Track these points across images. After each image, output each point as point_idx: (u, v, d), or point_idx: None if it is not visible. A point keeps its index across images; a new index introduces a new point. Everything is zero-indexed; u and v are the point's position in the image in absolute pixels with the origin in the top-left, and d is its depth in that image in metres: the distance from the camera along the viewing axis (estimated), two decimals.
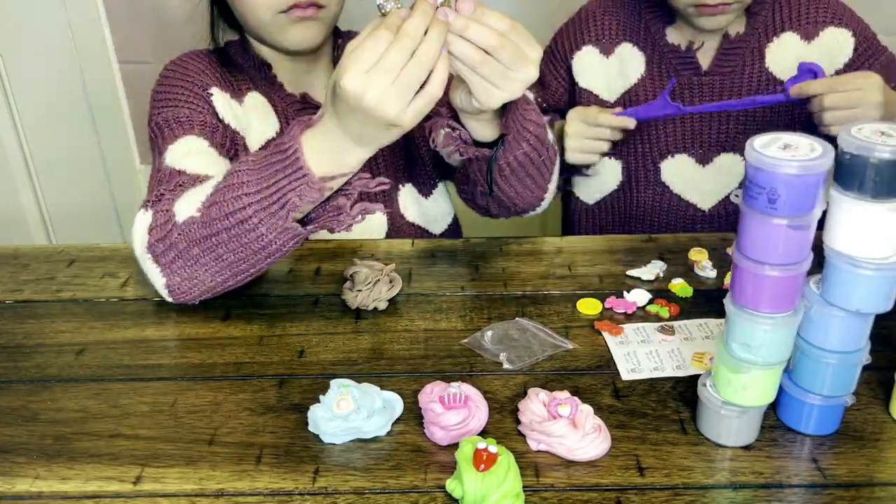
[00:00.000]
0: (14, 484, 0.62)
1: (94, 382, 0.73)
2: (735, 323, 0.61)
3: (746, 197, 0.57)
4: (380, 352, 0.77)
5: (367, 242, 1.00)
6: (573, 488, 0.60)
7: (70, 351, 0.78)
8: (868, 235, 0.58)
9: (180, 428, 0.67)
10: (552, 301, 0.86)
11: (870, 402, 0.69)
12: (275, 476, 0.62)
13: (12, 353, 0.78)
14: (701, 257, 0.92)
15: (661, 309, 0.82)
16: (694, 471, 0.62)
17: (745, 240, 0.58)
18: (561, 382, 0.72)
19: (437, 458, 0.64)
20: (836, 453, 0.64)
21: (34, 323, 0.82)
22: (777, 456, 0.64)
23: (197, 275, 0.80)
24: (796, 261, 0.57)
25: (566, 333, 0.80)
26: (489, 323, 0.82)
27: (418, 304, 0.85)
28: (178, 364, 0.76)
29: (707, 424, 0.65)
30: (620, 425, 0.67)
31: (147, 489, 0.61)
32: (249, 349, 0.78)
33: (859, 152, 0.56)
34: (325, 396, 0.67)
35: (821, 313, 0.62)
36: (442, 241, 1.01)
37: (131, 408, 0.70)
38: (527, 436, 0.65)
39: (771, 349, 0.60)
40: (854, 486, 0.61)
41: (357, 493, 0.60)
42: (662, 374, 0.73)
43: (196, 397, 0.71)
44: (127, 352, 0.78)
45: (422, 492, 0.60)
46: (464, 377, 0.72)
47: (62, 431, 0.67)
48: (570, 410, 0.64)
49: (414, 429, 0.67)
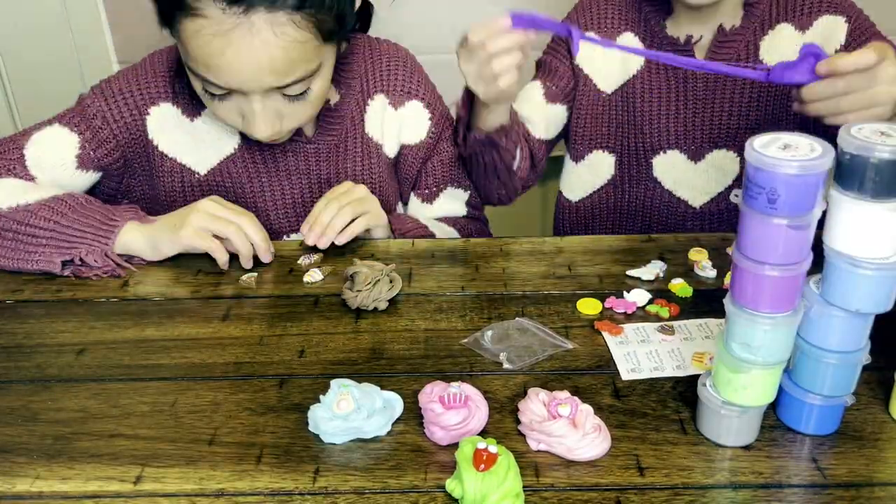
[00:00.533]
0: (14, 484, 0.62)
1: (94, 382, 0.73)
2: (735, 323, 0.61)
3: (746, 197, 0.57)
4: (380, 352, 0.77)
5: (368, 242, 1.00)
6: (573, 488, 0.60)
7: (70, 351, 0.78)
8: (868, 235, 0.59)
9: (180, 428, 0.67)
10: (552, 301, 0.86)
11: (870, 402, 0.69)
12: (275, 476, 0.62)
13: (12, 352, 0.78)
14: (701, 257, 0.92)
15: (661, 309, 0.82)
16: (694, 471, 0.62)
17: (744, 240, 0.58)
18: (561, 382, 0.72)
19: (437, 458, 0.64)
20: (835, 453, 0.64)
21: (34, 323, 0.82)
22: (777, 456, 0.64)
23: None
24: (796, 261, 0.57)
25: (566, 333, 0.80)
26: (489, 323, 0.82)
27: (418, 303, 0.86)
28: (178, 364, 0.76)
29: (707, 424, 0.65)
30: (620, 425, 0.67)
31: (147, 489, 0.61)
32: (250, 349, 0.78)
33: (859, 152, 0.57)
34: (326, 396, 0.67)
35: (821, 313, 0.62)
36: (442, 241, 1.01)
37: (131, 408, 0.70)
38: (527, 435, 0.65)
39: (771, 349, 0.60)
40: (854, 486, 0.61)
41: (357, 492, 0.60)
42: (662, 373, 0.73)
43: (196, 397, 0.71)
44: (127, 352, 0.78)
45: (422, 492, 0.60)
46: (464, 377, 0.72)
47: (62, 431, 0.67)
48: (570, 410, 0.64)
49: (414, 429, 0.67)
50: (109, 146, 1.00)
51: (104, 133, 1.00)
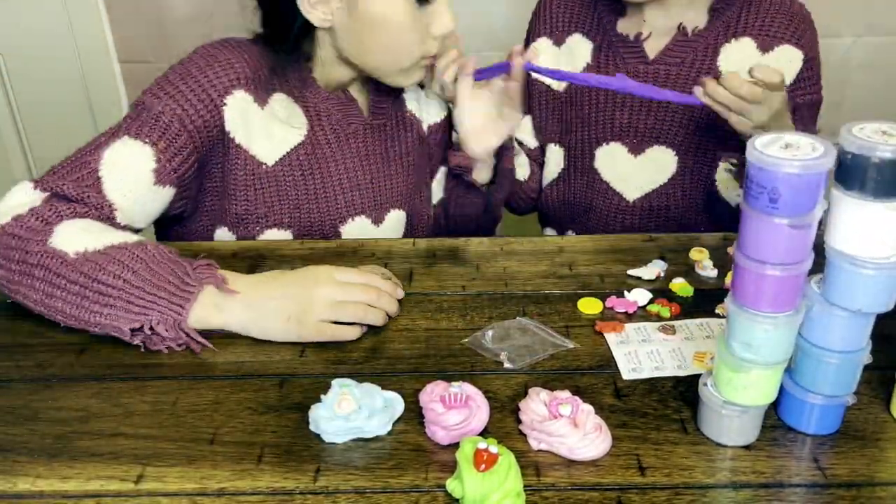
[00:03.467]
0: (15, 483, 0.62)
1: (95, 381, 0.73)
2: (736, 322, 0.61)
3: (748, 196, 0.57)
4: (381, 351, 0.77)
5: (369, 242, 1.00)
6: (574, 488, 0.60)
7: (71, 350, 0.78)
8: (869, 235, 0.58)
9: (181, 427, 0.67)
10: (553, 300, 0.86)
11: (871, 401, 0.69)
12: (276, 475, 0.62)
13: (13, 352, 0.78)
14: (702, 257, 0.92)
15: (662, 308, 0.82)
16: (695, 470, 0.62)
17: (746, 239, 0.58)
18: (562, 382, 0.72)
19: (437, 458, 0.64)
20: (836, 453, 0.64)
21: (35, 322, 0.82)
22: (778, 455, 0.64)
23: (20, 289, 0.79)
24: (797, 260, 0.57)
25: (567, 333, 0.80)
26: (490, 322, 0.82)
27: (419, 303, 0.85)
28: (179, 363, 0.76)
29: (708, 424, 0.65)
30: (621, 425, 0.67)
31: (148, 488, 0.61)
32: (250, 348, 0.78)
33: (861, 152, 0.56)
34: (327, 396, 0.67)
35: (822, 313, 0.62)
36: (443, 241, 1.01)
37: (132, 407, 0.70)
38: (528, 435, 0.65)
39: (772, 349, 0.60)
40: (855, 486, 0.61)
41: (358, 492, 0.60)
42: (663, 373, 0.73)
43: (197, 396, 0.71)
44: (128, 351, 0.77)
45: (422, 491, 0.60)
46: (465, 377, 0.72)
47: (63, 430, 0.67)
48: (571, 410, 0.64)
49: (415, 428, 0.67)
50: (186, 152, 0.91)
51: (181, 140, 0.90)
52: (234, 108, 0.94)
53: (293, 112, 1.01)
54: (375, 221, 1.08)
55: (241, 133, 0.96)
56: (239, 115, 0.95)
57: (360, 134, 1.06)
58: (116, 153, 0.88)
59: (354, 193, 1.06)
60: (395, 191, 1.09)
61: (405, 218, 1.12)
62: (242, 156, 0.97)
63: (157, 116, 0.90)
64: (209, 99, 0.92)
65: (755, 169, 0.55)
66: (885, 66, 1.77)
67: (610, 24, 1.17)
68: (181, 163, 0.91)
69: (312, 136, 1.02)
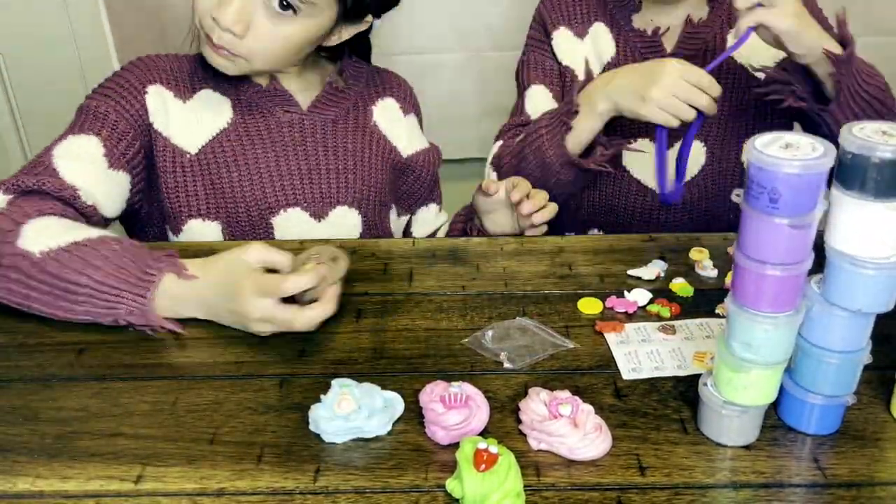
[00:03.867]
0: (15, 483, 0.62)
1: (94, 381, 0.73)
2: (736, 322, 0.61)
3: (748, 196, 0.57)
4: (380, 351, 0.77)
5: (369, 241, 1.00)
6: (574, 488, 0.60)
7: (71, 350, 0.78)
8: (869, 235, 0.58)
9: (181, 427, 0.67)
10: (553, 300, 0.86)
11: (871, 401, 0.69)
12: (276, 475, 0.62)
13: (13, 352, 0.78)
14: (702, 257, 0.92)
15: (662, 308, 0.82)
16: (695, 470, 0.62)
17: (746, 239, 0.58)
18: (562, 382, 0.72)
19: (437, 458, 0.64)
20: (837, 453, 0.64)
21: (35, 322, 0.82)
22: (778, 455, 0.64)
23: (0, 292, 0.81)
24: (797, 260, 0.57)
25: (567, 333, 0.80)
26: (490, 322, 0.82)
27: (419, 303, 0.85)
28: (178, 363, 0.76)
29: (708, 424, 0.65)
30: (621, 425, 0.67)
31: (148, 488, 0.61)
32: (250, 348, 0.78)
33: (861, 152, 0.57)
34: (326, 396, 0.67)
35: (822, 313, 0.62)
36: (443, 241, 1.01)
37: (132, 407, 0.70)
38: (528, 435, 0.65)
39: (772, 349, 0.60)
40: (855, 486, 0.61)
41: (358, 492, 0.60)
42: (663, 373, 0.73)
43: (197, 396, 0.71)
44: (128, 351, 0.78)
45: (422, 491, 0.60)
46: (464, 377, 0.72)
47: (63, 430, 0.67)
48: (571, 410, 0.64)
49: (415, 428, 0.67)
50: (130, 136, 0.98)
51: (121, 126, 0.97)
52: (154, 100, 1.01)
53: (219, 103, 1.04)
54: (316, 216, 1.06)
55: (162, 123, 1.01)
56: (160, 106, 1.01)
57: (297, 125, 1.06)
58: (65, 149, 0.94)
59: (286, 183, 1.05)
60: (344, 187, 1.07)
61: (360, 219, 1.09)
62: (167, 146, 1.02)
63: (94, 111, 0.98)
64: (134, 90, 1.00)
65: (755, 169, 0.55)
66: (885, 66, 1.77)
67: (625, 20, 1.18)
68: (127, 147, 0.98)
69: (238, 124, 1.03)
